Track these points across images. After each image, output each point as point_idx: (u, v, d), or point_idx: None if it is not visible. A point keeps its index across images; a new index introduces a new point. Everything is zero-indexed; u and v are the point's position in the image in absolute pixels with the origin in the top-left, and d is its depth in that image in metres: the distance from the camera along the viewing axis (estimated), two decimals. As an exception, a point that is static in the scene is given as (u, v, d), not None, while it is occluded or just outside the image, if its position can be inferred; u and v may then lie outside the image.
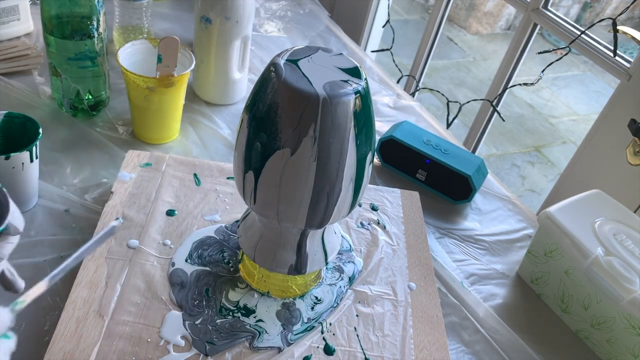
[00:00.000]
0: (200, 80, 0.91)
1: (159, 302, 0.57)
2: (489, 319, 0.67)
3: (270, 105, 0.46)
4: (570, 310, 0.68)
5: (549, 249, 0.69)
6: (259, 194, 0.50)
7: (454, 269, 0.73)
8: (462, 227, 0.80)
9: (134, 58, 0.77)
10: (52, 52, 0.75)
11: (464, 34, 3.56)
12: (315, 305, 0.61)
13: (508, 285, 0.73)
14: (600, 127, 0.95)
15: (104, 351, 0.52)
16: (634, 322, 0.61)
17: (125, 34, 0.96)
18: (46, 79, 0.87)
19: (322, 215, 0.51)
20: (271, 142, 0.47)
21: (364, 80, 0.48)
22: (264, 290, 0.61)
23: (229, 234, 0.67)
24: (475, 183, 0.80)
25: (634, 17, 3.79)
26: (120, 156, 0.77)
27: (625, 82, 0.93)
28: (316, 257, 0.58)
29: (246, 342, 0.56)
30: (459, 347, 0.64)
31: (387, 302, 0.63)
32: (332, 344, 0.57)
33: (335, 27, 1.27)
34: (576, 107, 3.04)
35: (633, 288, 0.60)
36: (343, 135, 0.47)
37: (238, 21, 0.83)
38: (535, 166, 2.54)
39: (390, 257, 0.69)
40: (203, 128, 0.87)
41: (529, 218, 0.85)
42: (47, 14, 0.72)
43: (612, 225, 0.68)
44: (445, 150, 0.83)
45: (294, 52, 0.50)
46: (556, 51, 1.20)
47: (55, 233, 0.64)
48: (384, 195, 0.79)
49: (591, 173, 0.97)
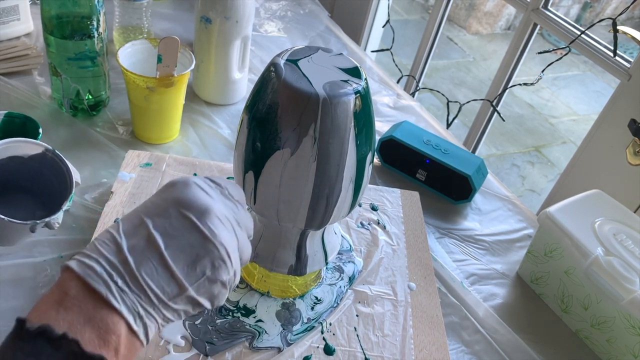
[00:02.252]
0: (200, 80, 0.91)
1: (159, 302, 0.57)
2: (489, 319, 0.67)
3: (270, 105, 0.46)
4: (570, 310, 0.68)
5: (549, 249, 0.69)
6: (259, 194, 0.50)
7: (454, 269, 0.73)
8: (462, 227, 0.80)
9: (134, 58, 0.77)
10: (52, 52, 0.75)
11: (464, 34, 3.56)
12: (315, 305, 0.61)
13: (508, 285, 0.73)
14: (600, 127, 0.95)
15: (104, 351, 0.52)
16: (634, 322, 0.61)
17: (125, 34, 0.96)
18: (46, 79, 0.87)
19: (322, 215, 0.51)
20: (271, 142, 0.47)
21: (364, 80, 0.48)
22: (264, 290, 0.61)
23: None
24: (475, 183, 0.80)
25: (634, 17, 3.79)
26: (120, 156, 0.77)
27: (625, 82, 0.93)
28: (316, 257, 0.58)
29: (246, 342, 0.56)
30: (459, 347, 0.63)
31: (387, 302, 0.63)
32: (332, 344, 0.57)
33: (335, 27, 1.27)
34: (576, 107, 3.04)
35: (633, 288, 0.60)
36: (343, 135, 0.46)
37: (238, 21, 0.83)
38: (535, 166, 2.54)
39: (390, 257, 0.69)
40: (203, 128, 0.87)
41: (529, 218, 0.85)
42: (47, 14, 0.72)
43: (612, 225, 0.68)
44: (445, 150, 0.83)
45: (294, 52, 0.50)
46: (556, 51, 1.20)
47: (55, 233, 0.64)
48: (384, 195, 0.79)
49: (591, 173, 0.97)
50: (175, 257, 0.36)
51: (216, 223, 0.38)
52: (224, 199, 0.41)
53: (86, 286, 0.34)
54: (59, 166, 0.53)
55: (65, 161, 0.53)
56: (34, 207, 0.56)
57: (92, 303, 0.34)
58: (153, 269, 0.36)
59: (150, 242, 0.36)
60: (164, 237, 0.37)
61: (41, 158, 0.54)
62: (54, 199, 0.53)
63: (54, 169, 0.54)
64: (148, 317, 0.36)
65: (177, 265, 0.36)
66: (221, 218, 0.39)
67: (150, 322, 0.36)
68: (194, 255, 0.37)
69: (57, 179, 0.54)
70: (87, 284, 0.34)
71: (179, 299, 0.37)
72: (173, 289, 0.36)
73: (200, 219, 0.37)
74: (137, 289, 0.35)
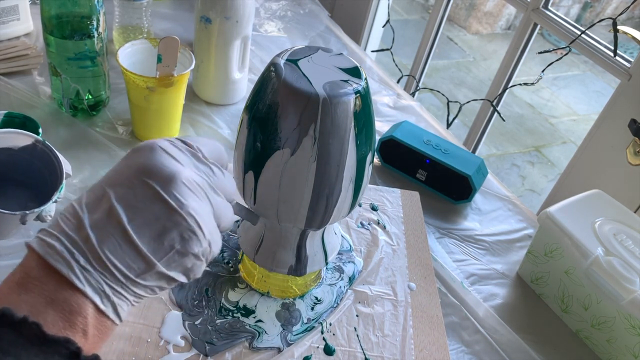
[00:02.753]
0: (200, 80, 0.91)
1: (158, 302, 0.57)
2: (489, 319, 0.67)
3: (270, 105, 0.46)
4: (570, 310, 0.68)
5: (549, 249, 0.69)
6: (259, 194, 0.50)
7: (454, 269, 0.73)
8: (462, 227, 0.80)
9: (134, 58, 0.77)
10: (52, 52, 0.75)
11: (464, 33, 3.56)
12: (315, 305, 0.61)
13: (508, 285, 0.73)
14: (601, 127, 0.95)
15: (104, 351, 0.52)
16: (634, 322, 0.60)
17: (125, 34, 0.96)
18: (46, 79, 0.87)
19: (322, 215, 0.51)
20: (271, 142, 0.47)
21: (364, 80, 0.48)
22: (264, 290, 0.61)
23: (229, 234, 0.67)
24: (475, 183, 0.80)
25: (634, 17, 3.79)
26: (120, 156, 0.76)
27: (625, 82, 0.93)
28: (316, 257, 0.58)
29: (246, 342, 0.56)
30: (459, 347, 0.63)
31: (387, 302, 0.63)
32: (332, 344, 0.57)
33: (335, 27, 1.27)
34: (576, 107, 3.04)
35: (633, 288, 0.60)
36: (343, 135, 0.46)
37: (238, 21, 0.83)
38: (535, 166, 2.54)
39: (390, 257, 0.69)
40: (203, 128, 0.87)
41: (529, 218, 0.85)
42: (47, 13, 0.72)
43: (613, 225, 0.68)
44: (446, 150, 0.83)
45: (294, 52, 0.50)
46: (556, 51, 1.20)
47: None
48: (384, 195, 0.79)
49: (591, 173, 0.97)
50: (140, 231, 0.34)
51: (183, 191, 0.35)
52: (195, 162, 0.38)
53: (48, 266, 0.32)
54: (49, 157, 0.53)
55: (56, 152, 0.52)
56: (26, 199, 0.55)
57: (54, 284, 0.32)
58: (117, 246, 0.33)
59: (112, 216, 0.34)
60: (128, 210, 0.34)
61: (32, 149, 0.53)
62: (46, 191, 0.53)
63: (44, 161, 0.53)
64: (117, 296, 0.34)
65: (142, 240, 0.34)
66: (190, 185, 0.36)
67: (120, 300, 0.34)
68: (160, 228, 0.34)
69: (48, 170, 0.53)
70: (48, 263, 0.32)
71: (148, 275, 0.34)
72: (140, 266, 0.34)
73: (164, 187, 0.35)
74: (101, 268, 0.33)
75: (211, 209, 0.37)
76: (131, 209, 0.34)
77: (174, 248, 0.35)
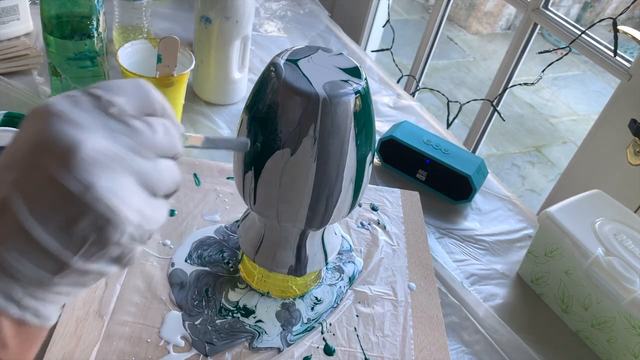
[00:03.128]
0: (200, 80, 0.91)
1: (158, 303, 0.57)
2: (489, 319, 0.67)
3: (270, 105, 0.46)
4: (570, 310, 0.68)
5: (549, 249, 0.69)
6: (259, 194, 0.50)
7: (454, 269, 0.73)
8: (462, 227, 0.80)
9: (134, 58, 0.77)
10: (52, 52, 0.75)
11: (464, 33, 3.56)
12: (315, 305, 0.61)
13: (508, 285, 0.73)
14: (601, 127, 0.95)
15: (104, 351, 0.52)
16: (635, 322, 0.60)
17: (125, 34, 0.96)
18: (46, 79, 0.87)
19: (322, 215, 0.51)
20: (271, 142, 0.47)
21: (364, 80, 0.48)
22: (264, 290, 0.61)
23: (228, 234, 0.66)
24: (476, 183, 0.80)
25: (634, 17, 3.79)
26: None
27: (625, 82, 0.93)
28: (316, 257, 0.58)
29: (246, 342, 0.56)
30: (459, 347, 0.63)
31: (387, 302, 0.63)
32: (332, 344, 0.57)
33: (335, 27, 1.27)
34: (576, 107, 3.04)
35: (633, 288, 0.60)
36: (343, 135, 0.46)
37: (238, 21, 0.83)
38: (535, 166, 2.54)
39: (390, 257, 0.69)
40: (203, 128, 0.87)
41: (529, 218, 0.85)
42: (47, 13, 0.72)
43: (613, 225, 0.68)
44: (446, 150, 0.83)
45: (294, 52, 0.50)
46: (556, 51, 1.20)
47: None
48: (384, 195, 0.79)
49: (591, 173, 0.97)
50: (42, 226, 0.27)
51: (87, 168, 0.27)
52: (107, 120, 0.30)
53: None
54: None
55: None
56: None
57: None
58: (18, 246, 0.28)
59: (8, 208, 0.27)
60: (27, 199, 0.27)
61: None
62: None
63: None
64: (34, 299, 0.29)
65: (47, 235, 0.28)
66: (97, 157, 0.28)
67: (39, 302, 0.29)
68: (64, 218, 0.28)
69: None
70: None
71: (66, 274, 0.29)
72: (51, 266, 0.28)
73: (61, 168, 0.27)
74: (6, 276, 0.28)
75: (134, 180, 0.30)
76: (29, 198, 0.27)
77: (89, 239, 0.28)
